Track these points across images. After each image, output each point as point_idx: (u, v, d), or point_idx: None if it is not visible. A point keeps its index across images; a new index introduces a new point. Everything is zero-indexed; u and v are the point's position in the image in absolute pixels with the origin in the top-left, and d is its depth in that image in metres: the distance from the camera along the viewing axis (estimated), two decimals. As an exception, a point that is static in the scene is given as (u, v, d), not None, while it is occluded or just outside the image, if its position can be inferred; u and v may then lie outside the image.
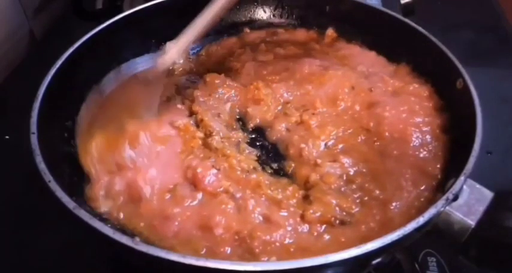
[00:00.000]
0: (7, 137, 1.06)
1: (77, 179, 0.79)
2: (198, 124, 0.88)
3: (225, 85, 0.96)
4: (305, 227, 0.72)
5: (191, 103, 0.92)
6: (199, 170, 0.77)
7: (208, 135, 0.86)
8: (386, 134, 0.84)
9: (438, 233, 0.67)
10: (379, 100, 0.89)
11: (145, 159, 0.79)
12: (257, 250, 0.67)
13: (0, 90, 1.18)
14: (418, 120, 0.85)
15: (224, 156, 0.81)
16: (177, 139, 0.84)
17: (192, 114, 0.90)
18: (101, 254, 0.86)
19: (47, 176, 0.66)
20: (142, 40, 1.05)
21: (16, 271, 0.86)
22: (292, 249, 0.68)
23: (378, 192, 0.76)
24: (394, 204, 0.73)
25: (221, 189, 0.75)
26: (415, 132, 0.83)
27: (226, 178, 0.77)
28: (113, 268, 0.88)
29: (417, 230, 0.60)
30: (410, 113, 0.86)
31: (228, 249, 0.68)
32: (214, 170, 0.77)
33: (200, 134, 0.86)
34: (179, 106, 0.92)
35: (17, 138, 1.01)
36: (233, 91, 0.95)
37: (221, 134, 0.86)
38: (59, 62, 0.84)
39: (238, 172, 0.79)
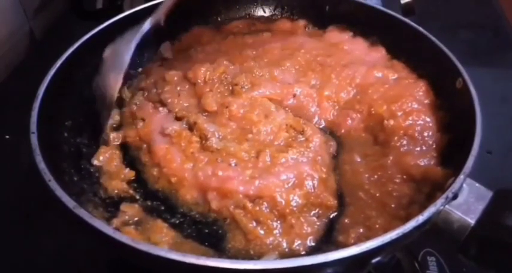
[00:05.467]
0: (7, 137, 1.06)
1: (77, 178, 0.80)
2: (192, 127, 0.87)
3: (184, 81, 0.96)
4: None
5: (168, 106, 0.92)
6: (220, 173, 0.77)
7: (203, 138, 0.84)
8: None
9: (438, 231, 0.68)
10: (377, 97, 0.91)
11: None
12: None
13: (0, 89, 1.18)
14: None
15: (229, 154, 0.81)
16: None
17: (178, 118, 0.90)
18: (101, 254, 0.86)
19: (47, 176, 0.66)
20: (142, 40, 1.05)
21: (16, 271, 0.86)
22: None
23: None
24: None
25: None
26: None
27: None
28: (112, 268, 0.88)
29: (417, 228, 0.60)
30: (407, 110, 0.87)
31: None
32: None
33: (196, 138, 0.85)
34: (160, 109, 0.91)
35: (17, 138, 1.02)
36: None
37: (216, 134, 0.85)
38: (59, 62, 0.84)
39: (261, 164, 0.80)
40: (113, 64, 0.89)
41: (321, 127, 0.91)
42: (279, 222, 0.74)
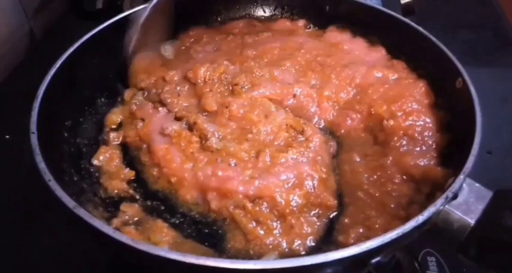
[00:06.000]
0: (7, 137, 1.06)
1: (77, 178, 0.80)
2: (191, 127, 0.87)
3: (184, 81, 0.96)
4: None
5: (167, 106, 0.92)
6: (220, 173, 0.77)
7: (203, 138, 0.84)
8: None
9: (438, 231, 0.68)
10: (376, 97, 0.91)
11: None
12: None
13: (0, 89, 1.18)
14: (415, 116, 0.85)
15: (229, 154, 0.81)
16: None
17: (178, 118, 0.90)
18: (101, 254, 0.86)
19: (47, 176, 0.66)
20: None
21: (16, 271, 0.86)
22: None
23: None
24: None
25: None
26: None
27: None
28: (112, 268, 0.88)
29: (417, 228, 0.60)
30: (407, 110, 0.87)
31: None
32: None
33: (195, 138, 0.84)
34: (160, 109, 0.91)
35: (17, 138, 1.02)
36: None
37: (216, 134, 0.84)
38: (59, 62, 0.84)
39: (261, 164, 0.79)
40: (132, 24, 0.95)
41: (320, 127, 0.91)
42: (279, 222, 0.74)
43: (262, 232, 0.73)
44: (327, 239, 0.74)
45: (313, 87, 0.94)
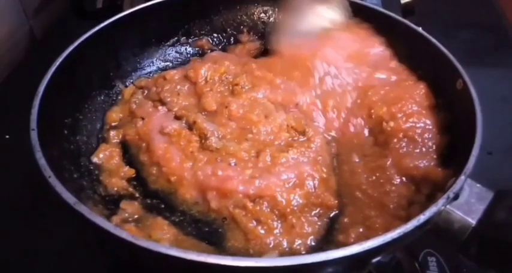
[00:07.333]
0: (7, 136, 1.06)
1: (76, 176, 0.80)
2: (191, 127, 0.87)
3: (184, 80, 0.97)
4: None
5: (167, 105, 0.92)
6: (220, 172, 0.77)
7: (203, 137, 0.84)
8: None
9: (438, 232, 0.67)
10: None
11: None
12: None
13: (0, 89, 1.18)
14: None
15: (228, 154, 0.81)
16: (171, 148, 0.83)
17: (178, 117, 0.90)
18: (101, 255, 0.86)
19: (47, 172, 0.66)
20: (142, 39, 1.05)
21: (16, 271, 0.86)
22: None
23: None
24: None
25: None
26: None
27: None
28: (113, 268, 0.87)
29: (418, 228, 0.60)
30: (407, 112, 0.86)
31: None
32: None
33: (195, 137, 0.84)
34: (160, 108, 0.91)
35: (17, 137, 1.01)
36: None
37: (216, 134, 0.84)
38: (59, 60, 0.84)
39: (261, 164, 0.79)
40: None
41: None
42: (279, 222, 0.74)
43: (262, 232, 0.73)
44: (328, 239, 0.74)
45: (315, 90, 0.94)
